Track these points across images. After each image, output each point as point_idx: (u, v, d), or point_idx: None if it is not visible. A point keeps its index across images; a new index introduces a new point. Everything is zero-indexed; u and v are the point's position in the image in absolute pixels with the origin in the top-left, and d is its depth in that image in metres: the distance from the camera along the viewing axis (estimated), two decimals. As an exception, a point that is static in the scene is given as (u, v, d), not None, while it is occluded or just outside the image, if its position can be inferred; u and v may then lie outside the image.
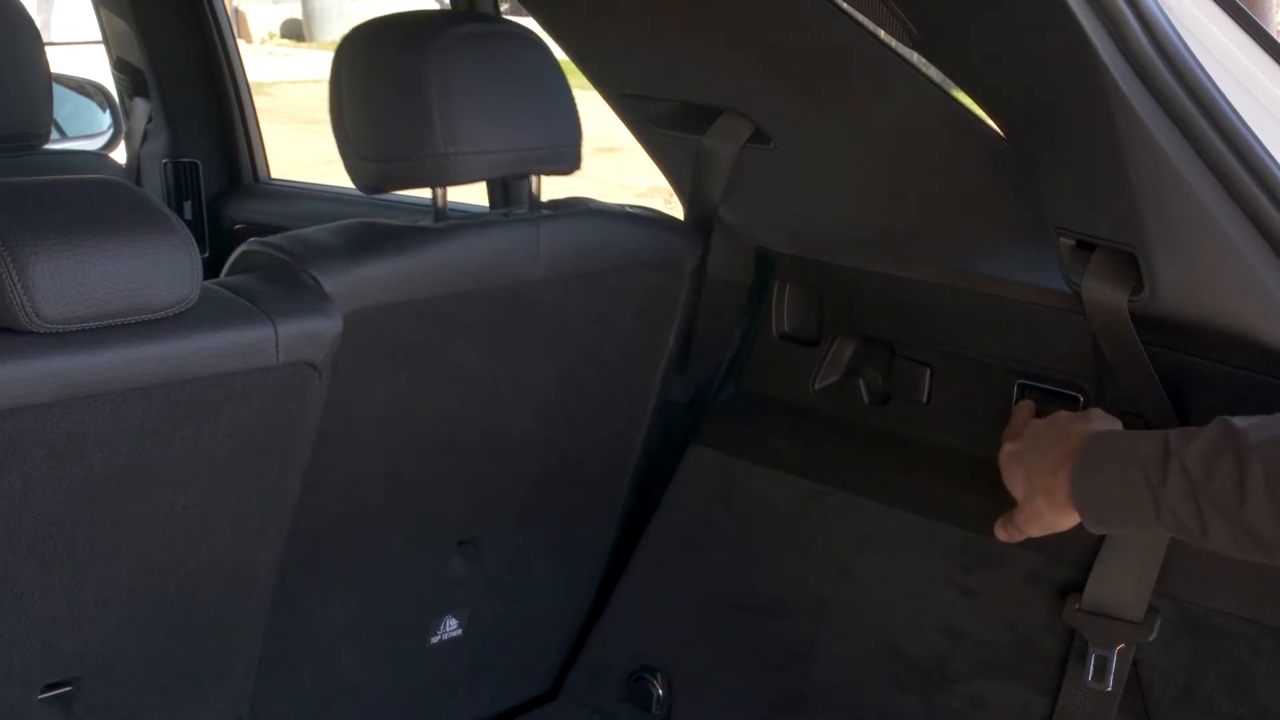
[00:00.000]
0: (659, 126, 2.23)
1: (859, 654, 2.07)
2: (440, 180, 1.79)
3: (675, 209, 2.31)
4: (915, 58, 1.88)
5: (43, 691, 1.59)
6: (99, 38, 3.43)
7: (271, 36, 17.15)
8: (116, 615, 1.60)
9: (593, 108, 2.14)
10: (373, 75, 1.77)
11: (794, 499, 2.15)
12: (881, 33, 1.87)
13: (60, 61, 2.58)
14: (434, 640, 2.11)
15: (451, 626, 2.11)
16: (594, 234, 1.95)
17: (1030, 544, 1.88)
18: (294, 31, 17.19)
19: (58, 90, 2.25)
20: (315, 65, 12.86)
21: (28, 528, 1.45)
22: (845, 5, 1.84)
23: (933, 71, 1.89)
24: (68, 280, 1.35)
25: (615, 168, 9.13)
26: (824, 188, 2.12)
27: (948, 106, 1.93)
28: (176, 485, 1.55)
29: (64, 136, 3.38)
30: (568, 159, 1.88)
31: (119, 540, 1.54)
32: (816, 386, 2.18)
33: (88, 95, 3.46)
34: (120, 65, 3.37)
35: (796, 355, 2.21)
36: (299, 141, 8.02)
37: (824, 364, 2.17)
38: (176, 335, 1.46)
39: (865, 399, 2.13)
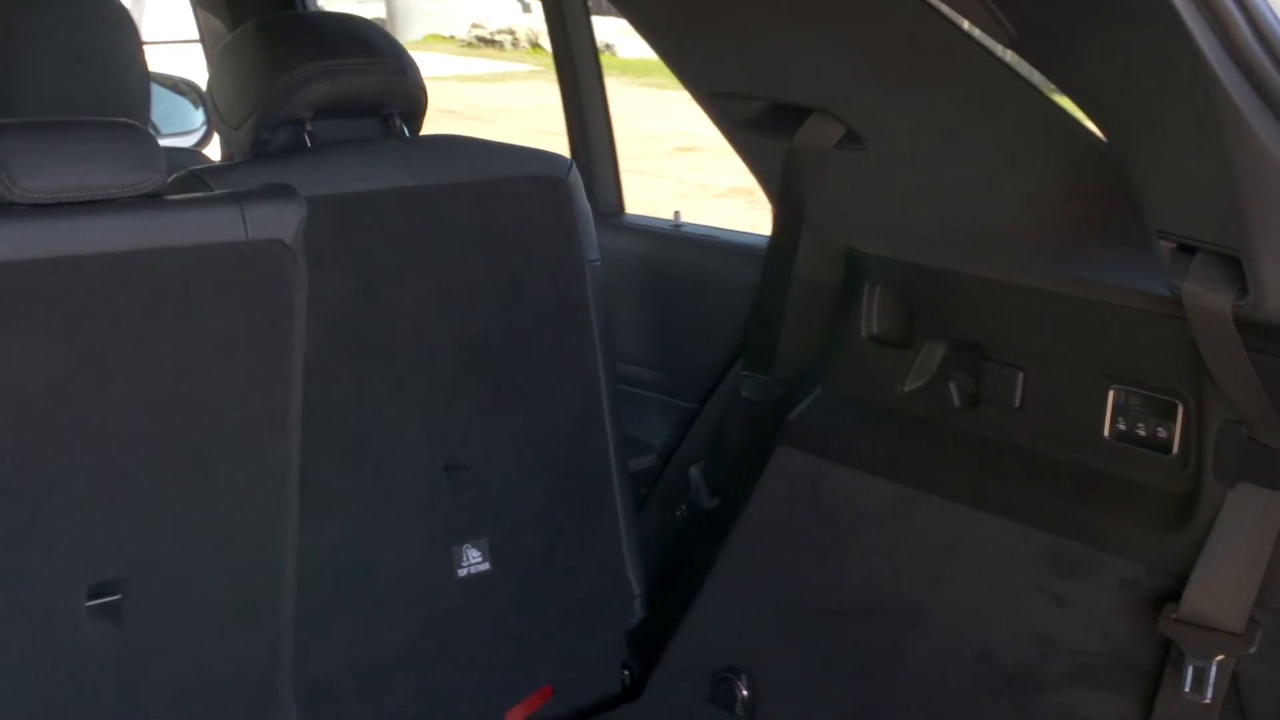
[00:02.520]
0: (749, 127, 2.22)
1: (947, 660, 2.05)
2: (304, 94, 2.00)
3: (756, 208, 2.30)
4: (1011, 57, 1.85)
5: (90, 598, 1.68)
6: (191, 37, 3.48)
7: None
8: (145, 504, 1.70)
9: (671, 109, 2.17)
10: (242, 53, 2.09)
11: (881, 502, 2.13)
12: (977, 32, 1.84)
13: (153, 60, 2.62)
14: (460, 573, 2.13)
15: (475, 557, 2.15)
16: (456, 149, 2.19)
17: (1125, 551, 1.85)
18: (377, 31, 17.34)
19: (153, 88, 2.29)
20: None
21: (38, 398, 1.59)
22: (939, 4, 1.82)
23: (1028, 70, 1.87)
24: (41, 157, 1.59)
25: (694, 168, 9.11)
26: (916, 189, 2.10)
27: (1043, 107, 1.90)
28: (180, 366, 1.69)
29: (159, 133, 3.43)
30: (414, 82, 2.14)
31: (130, 417, 1.66)
32: (905, 389, 2.16)
33: (182, 93, 3.50)
34: (216, 64, 3.42)
35: (885, 357, 2.19)
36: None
37: (913, 367, 2.15)
38: (149, 210, 1.65)
39: (956, 402, 2.10)
